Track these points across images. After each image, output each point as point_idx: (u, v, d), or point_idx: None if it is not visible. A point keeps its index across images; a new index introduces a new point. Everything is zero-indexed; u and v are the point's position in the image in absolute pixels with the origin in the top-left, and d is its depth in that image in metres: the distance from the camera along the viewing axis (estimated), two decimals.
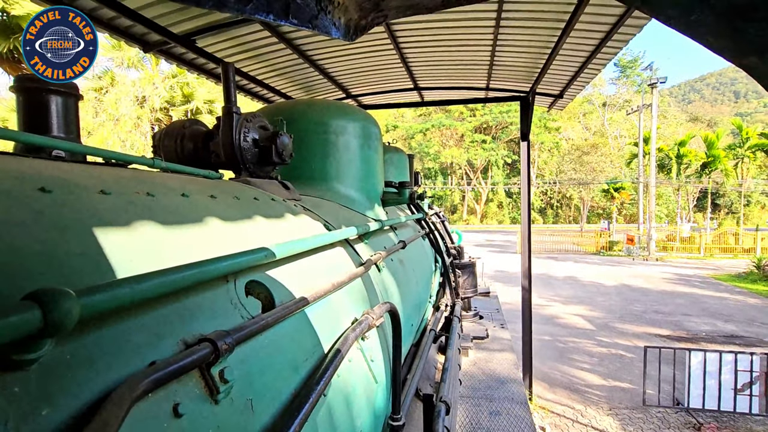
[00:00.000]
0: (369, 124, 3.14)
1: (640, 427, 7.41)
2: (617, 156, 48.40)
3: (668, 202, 47.84)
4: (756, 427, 7.33)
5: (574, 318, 14.03)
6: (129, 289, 0.62)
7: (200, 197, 1.23)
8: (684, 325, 12.96)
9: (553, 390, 8.82)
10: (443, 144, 54.79)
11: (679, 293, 17.53)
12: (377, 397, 1.57)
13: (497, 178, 55.85)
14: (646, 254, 28.32)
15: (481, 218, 58.15)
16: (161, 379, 0.62)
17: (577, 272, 22.81)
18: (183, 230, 0.99)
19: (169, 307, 0.78)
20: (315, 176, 2.72)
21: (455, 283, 4.60)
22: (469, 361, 3.75)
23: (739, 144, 34.54)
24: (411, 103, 9.46)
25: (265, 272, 1.15)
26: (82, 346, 0.60)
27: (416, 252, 3.62)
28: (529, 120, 8.11)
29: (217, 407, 0.74)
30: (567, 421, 7.62)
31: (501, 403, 2.99)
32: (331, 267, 1.60)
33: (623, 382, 9.11)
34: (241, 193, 1.52)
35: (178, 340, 0.75)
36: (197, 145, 2.03)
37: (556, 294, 17.44)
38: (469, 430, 2.64)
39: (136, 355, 0.66)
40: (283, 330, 1.08)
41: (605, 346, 11.34)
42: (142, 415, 0.61)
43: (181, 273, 0.73)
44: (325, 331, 1.28)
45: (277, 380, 0.96)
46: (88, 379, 0.57)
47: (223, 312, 0.91)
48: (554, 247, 32.58)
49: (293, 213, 1.73)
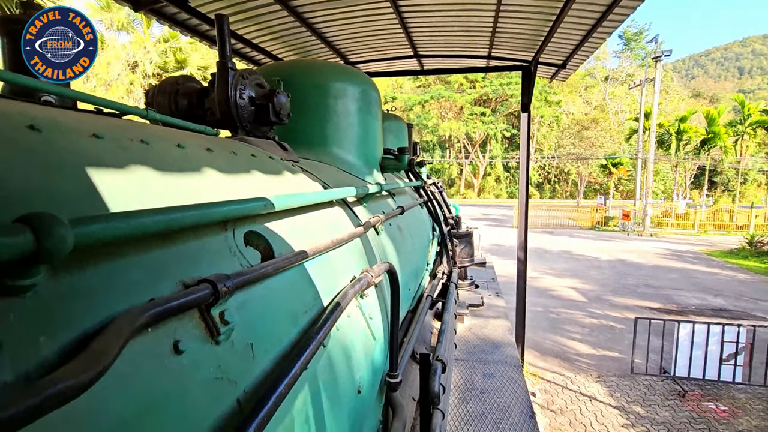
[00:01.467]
0: (369, 88, 3.06)
1: (626, 393, 7.68)
2: (617, 131, 48.01)
3: (665, 179, 47.89)
4: (738, 394, 7.62)
5: (567, 290, 14.28)
6: (124, 223, 0.60)
7: (196, 149, 1.20)
8: (674, 299, 13.24)
9: (545, 358, 9.07)
10: (442, 116, 54.04)
11: (671, 268, 17.81)
12: (375, 353, 1.60)
13: (496, 151, 55.49)
14: (640, 230, 28.58)
15: (478, 192, 58.16)
16: (161, 314, 0.61)
17: (571, 246, 23.06)
18: (179, 178, 0.97)
19: (167, 250, 0.77)
20: (313, 140, 2.67)
21: (452, 252, 4.62)
22: (464, 327, 3.82)
23: (740, 121, 34.26)
24: (410, 71, 9.23)
25: (263, 224, 1.13)
26: (80, 279, 0.58)
27: (414, 219, 3.62)
28: (531, 91, 7.96)
29: (217, 348, 0.74)
30: (557, 388, 7.88)
31: (495, 366, 3.06)
32: (329, 225, 1.59)
33: (613, 352, 9.37)
34: (238, 149, 1.49)
35: (177, 281, 0.74)
36: (192, 102, 1.97)
37: (550, 267, 17.68)
38: (464, 390, 2.72)
39: (135, 293, 0.65)
40: (283, 281, 1.07)
41: (597, 318, 11.60)
42: (142, 349, 0.61)
43: (178, 213, 0.72)
44: (325, 286, 1.28)
45: (277, 328, 0.96)
46: (86, 311, 0.56)
47: (222, 259, 0.90)
48: (550, 222, 32.80)
49: (291, 172, 1.70)
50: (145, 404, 0.57)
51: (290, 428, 0.88)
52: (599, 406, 7.30)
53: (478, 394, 2.68)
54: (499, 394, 2.67)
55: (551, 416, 6.97)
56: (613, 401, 7.42)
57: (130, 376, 0.57)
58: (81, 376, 0.42)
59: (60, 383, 0.39)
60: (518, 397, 2.62)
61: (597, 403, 7.39)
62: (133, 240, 0.69)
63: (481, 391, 2.72)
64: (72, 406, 0.49)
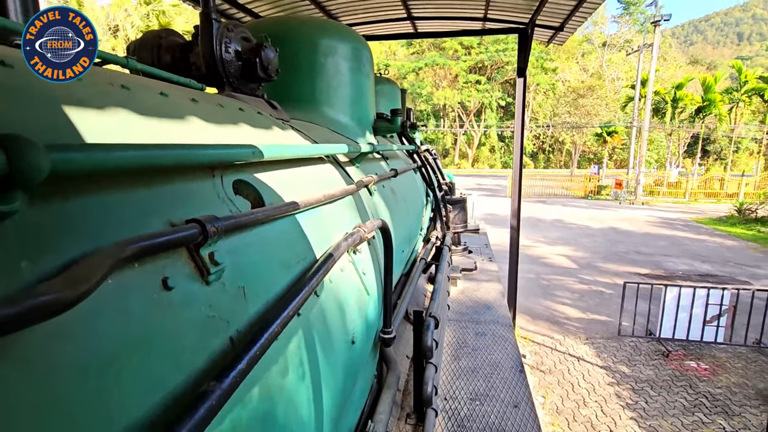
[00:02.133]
0: (360, 46, 2.96)
1: (613, 354, 7.97)
2: (613, 99, 47.49)
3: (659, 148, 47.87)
4: (719, 354, 7.93)
5: (559, 258, 14.53)
6: (104, 155, 0.58)
7: (180, 99, 1.16)
8: (663, 265, 13.53)
9: (535, 322, 9.33)
10: (436, 85, 52.94)
11: (661, 235, 18.11)
12: (369, 308, 1.62)
13: (490, 121, 54.84)
14: (632, 198, 28.83)
15: (472, 162, 57.90)
16: (147, 249, 0.60)
17: (564, 215, 23.27)
18: (162, 125, 0.93)
19: (154, 190, 0.75)
20: (303, 99, 2.60)
21: (446, 217, 4.64)
22: (457, 290, 3.89)
23: (736, 88, 34.00)
24: (404, 35, 8.94)
25: (253, 174, 1.11)
26: (64, 210, 0.57)
27: (408, 183, 3.60)
28: (527, 55, 7.77)
29: (208, 288, 0.74)
30: (546, 349, 8.15)
31: (486, 325, 3.14)
32: (321, 181, 1.57)
33: (601, 316, 9.65)
34: (224, 103, 1.44)
35: (165, 221, 0.72)
36: (175, 57, 1.89)
37: (543, 236, 17.90)
38: (456, 348, 2.79)
39: (121, 229, 0.64)
40: (275, 230, 1.06)
41: (587, 284, 11.87)
42: (130, 283, 0.60)
43: (161, 150, 0.69)
44: (317, 239, 1.28)
45: (269, 275, 0.96)
46: (71, 241, 0.55)
47: (211, 204, 0.88)
48: (544, 191, 32.93)
49: (281, 128, 1.66)
50: (135, 337, 0.57)
51: (284, 370, 0.90)
52: (587, 366, 7.58)
53: (470, 351, 2.76)
54: (490, 351, 2.75)
55: (540, 376, 7.25)
56: (600, 361, 7.71)
57: (119, 308, 0.57)
58: (63, 292, 0.41)
59: (42, 296, 0.38)
60: (509, 354, 2.70)
61: (584, 363, 7.67)
62: (116, 176, 0.67)
63: (473, 348, 2.79)
64: (61, 333, 0.48)
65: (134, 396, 0.53)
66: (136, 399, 0.53)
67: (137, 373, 0.55)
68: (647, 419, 6.06)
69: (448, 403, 2.19)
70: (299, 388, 0.94)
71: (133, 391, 0.53)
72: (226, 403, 0.58)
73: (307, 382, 0.98)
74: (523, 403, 2.16)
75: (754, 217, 21.09)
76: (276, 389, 0.84)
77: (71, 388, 0.46)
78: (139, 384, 0.54)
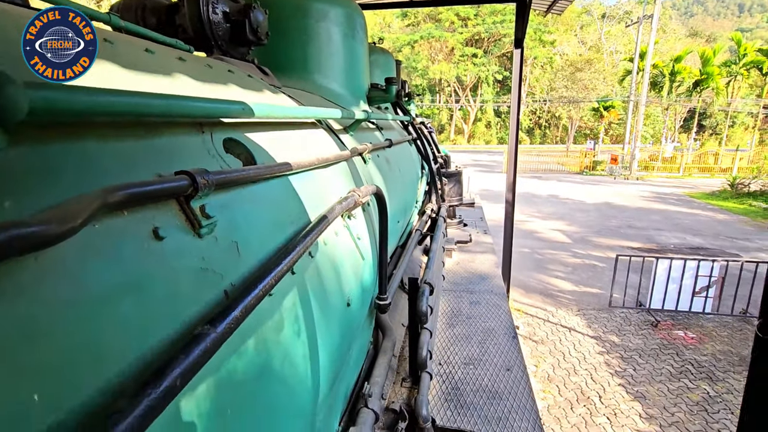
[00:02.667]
0: (354, 12, 2.86)
1: (604, 324, 8.17)
2: (611, 73, 46.85)
3: (655, 123, 47.62)
4: (706, 323, 8.15)
5: (553, 232, 14.66)
6: (87, 98, 0.56)
7: (167, 57, 1.12)
8: (655, 239, 13.71)
9: (529, 295, 9.50)
10: (432, 58, 51.83)
11: (654, 210, 18.27)
12: (364, 273, 1.63)
13: (487, 96, 54.08)
14: (627, 174, 28.91)
15: (468, 138, 57.47)
16: (136, 196, 0.59)
17: (559, 191, 23.34)
18: (147, 80, 0.90)
19: (141, 143, 0.73)
20: (294, 67, 2.53)
21: (441, 190, 4.63)
22: (452, 262, 3.93)
23: (735, 61, 33.58)
24: (399, 3, 8.68)
25: (243, 133, 1.09)
26: (47, 155, 0.55)
27: (403, 155, 3.57)
28: (525, 25, 7.59)
29: (200, 241, 0.73)
30: (539, 321, 8.34)
31: (481, 294, 3.18)
32: (314, 145, 1.55)
33: (593, 288, 9.84)
34: (213, 63, 1.40)
35: (154, 174, 0.71)
36: (161, 19, 1.82)
37: (537, 211, 18.00)
38: (451, 316, 2.84)
39: (110, 177, 0.62)
40: (267, 190, 1.05)
41: (580, 258, 12.03)
42: (119, 230, 0.59)
43: (148, 99, 0.67)
44: (311, 202, 1.27)
45: (263, 233, 0.95)
46: (55, 186, 0.54)
47: (201, 160, 0.86)
48: (539, 167, 32.89)
49: (272, 92, 1.62)
50: (126, 281, 0.57)
51: (279, 325, 0.90)
52: (578, 336, 7.77)
53: (465, 319, 2.80)
54: (484, 318, 2.80)
55: (533, 345, 7.43)
56: (591, 332, 7.90)
57: (109, 253, 0.56)
58: (50, 226, 0.40)
59: (27, 227, 0.38)
60: (502, 321, 2.75)
61: (576, 333, 7.87)
62: (101, 125, 0.65)
63: (468, 316, 2.84)
64: (49, 270, 0.48)
65: (127, 335, 0.53)
66: (130, 338, 0.54)
67: (130, 315, 0.55)
68: (635, 385, 6.28)
69: (442, 367, 2.24)
70: (295, 344, 0.95)
71: (126, 331, 0.53)
72: (220, 347, 0.58)
73: (303, 339, 0.99)
74: (516, 367, 2.22)
75: (747, 192, 21.28)
76: (272, 343, 0.85)
77: (62, 324, 0.46)
78: (132, 325, 0.55)
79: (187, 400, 0.58)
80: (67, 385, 0.46)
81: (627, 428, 5.40)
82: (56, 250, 0.48)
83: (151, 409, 0.44)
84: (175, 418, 0.56)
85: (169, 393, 0.47)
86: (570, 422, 5.53)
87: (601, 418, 5.60)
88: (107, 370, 0.50)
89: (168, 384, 0.46)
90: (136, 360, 0.52)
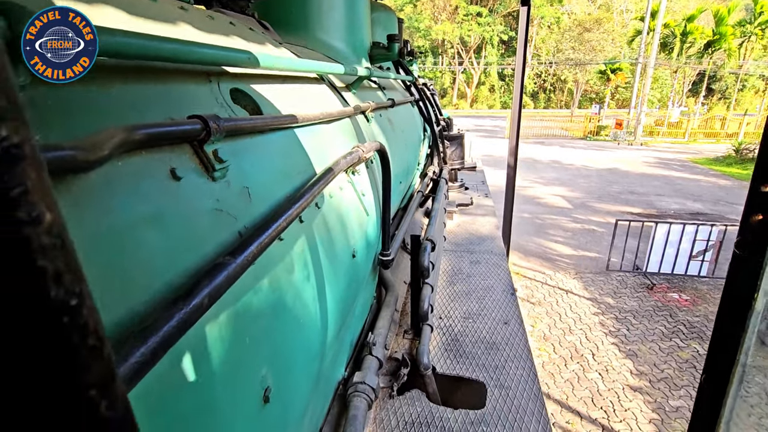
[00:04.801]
0: None
1: (600, 287, 8.35)
2: (620, 34, 45.20)
3: (663, 86, 46.47)
4: (701, 286, 8.33)
5: (554, 198, 14.68)
6: (103, 38, 0.57)
7: (169, 5, 1.10)
8: (655, 204, 13.74)
9: (528, 259, 9.65)
10: (435, 18, 49.90)
11: (656, 176, 18.18)
12: (368, 228, 1.67)
13: (491, 58, 52.46)
14: (631, 139, 28.53)
15: (471, 103, 56.27)
16: (155, 136, 0.61)
17: (562, 157, 23.15)
18: (150, 26, 0.90)
19: (151, 88, 0.74)
20: (295, 22, 2.46)
21: (443, 153, 4.61)
22: (453, 224, 3.98)
23: (750, 20, 32.31)
24: None
25: (249, 84, 1.09)
26: (66, 95, 0.57)
27: (405, 115, 3.54)
28: None
29: (215, 184, 0.76)
30: (537, 284, 8.52)
31: (481, 254, 3.25)
32: (317, 101, 1.55)
33: (591, 252, 9.97)
34: (215, 15, 1.38)
35: (166, 117, 0.73)
36: None
37: (539, 177, 17.93)
38: (451, 275, 2.91)
39: (124, 118, 0.64)
40: (275, 140, 1.07)
41: (579, 223, 12.11)
42: (139, 169, 0.62)
43: (156, 42, 0.68)
44: (315, 155, 1.29)
45: (271, 181, 0.98)
46: (77, 122, 0.56)
47: (210, 107, 0.88)
48: (542, 132, 32.44)
49: (274, 45, 1.60)
50: (149, 215, 0.60)
51: (290, 268, 0.95)
52: (574, 298, 7.97)
53: (465, 277, 2.88)
54: (484, 277, 2.87)
55: (530, 307, 7.64)
56: (587, 294, 8.10)
57: (132, 189, 0.59)
58: (81, 152, 0.43)
59: (60, 150, 0.40)
60: (501, 279, 2.83)
61: (572, 296, 8.06)
62: (113, 67, 0.66)
63: (468, 275, 2.91)
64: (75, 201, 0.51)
65: (153, 265, 0.57)
66: (156, 267, 0.58)
67: (154, 246, 0.58)
68: (627, 344, 6.51)
69: (442, 321, 2.34)
70: (305, 287, 1.00)
71: (152, 261, 0.57)
72: (240, 277, 0.62)
73: (312, 283, 1.04)
74: (513, 321, 2.31)
75: (751, 157, 21.06)
76: (285, 283, 0.90)
77: (91, 252, 0.49)
78: (157, 255, 0.58)
79: (212, 326, 0.63)
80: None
81: (617, 383, 5.66)
82: (86, 181, 0.51)
83: (183, 323, 0.48)
84: (202, 340, 0.61)
85: (198, 310, 0.51)
86: (563, 377, 5.78)
87: (593, 374, 5.85)
88: (136, 294, 0.54)
89: (197, 302, 0.51)
90: (164, 286, 0.57)
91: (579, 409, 5.27)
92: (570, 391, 5.54)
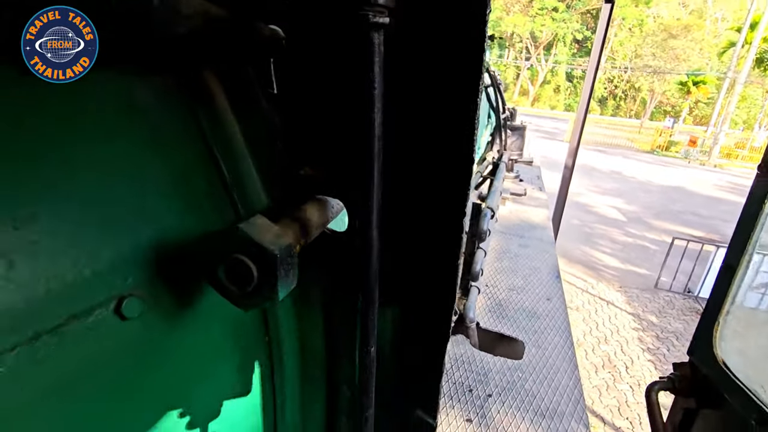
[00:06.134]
0: None
1: (645, 304, 8.07)
2: (710, 44, 41.52)
3: (751, 107, 42.37)
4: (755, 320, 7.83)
5: (608, 209, 14.12)
6: None
7: None
8: (719, 230, 12.86)
9: (571, 265, 9.46)
10: (507, 9, 48.18)
11: (725, 200, 16.91)
12: None
13: (561, 56, 50.09)
14: (705, 159, 26.51)
15: (532, 102, 54.26)
16: None
17: (623, 168, 22.03)
18: None
19: None
20: None
21: (504, 142, 4.67)
22: (505, 210, 4.08)
23: None
24: None
25: None
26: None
27: None
28: None
29: None
30: (577, 290, 8.37)
31: (530, 240, 3.36)
32: None
33: (641, 269, 9.60)
34: None
35: None
36: None
37: (595, 185, 17.24)
38: (500, 253, 3.05)
39: None
40: None
41: (632, 237, 11.63)
42: None
43: None
44: None
45: None
46: None
47: None
48: (606, 141, 30.85)
49: None
50: None
51: None
52: (615, 310, 7.78)
53: (513, 257, 3.02)
54: (531, 258, 2.99)
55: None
56: (630, 309, 7.87)
57: None
58: None
59: None
60: (548, 263, 2.94)
61: (613, 308, 7.87)
62: None
63: (516, 255, 3.04)
64: None
65: None
66: None
67: None
68: (665, 364, 6.32)
69: (489, 289, 2.50)
70: None
71: None
72: None
73: None
74: (556, 298, 2.43)
75: None
76: None
77: None
78: None
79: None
80: None
81: None
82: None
83: None
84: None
85: None
86: (592, 383, 5.76)
87: (623, 385, 5.77)
88: None
89: None
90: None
91: (604, 416, 5.26)
92: (597, 397, 5.52)
